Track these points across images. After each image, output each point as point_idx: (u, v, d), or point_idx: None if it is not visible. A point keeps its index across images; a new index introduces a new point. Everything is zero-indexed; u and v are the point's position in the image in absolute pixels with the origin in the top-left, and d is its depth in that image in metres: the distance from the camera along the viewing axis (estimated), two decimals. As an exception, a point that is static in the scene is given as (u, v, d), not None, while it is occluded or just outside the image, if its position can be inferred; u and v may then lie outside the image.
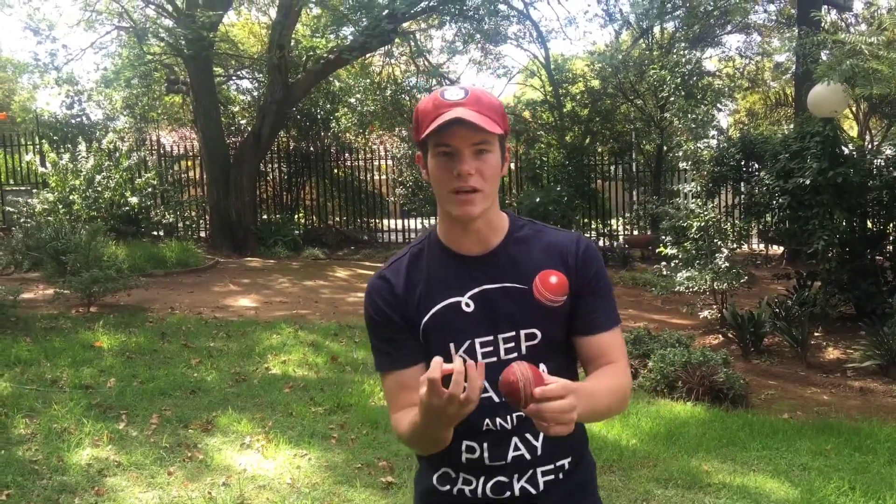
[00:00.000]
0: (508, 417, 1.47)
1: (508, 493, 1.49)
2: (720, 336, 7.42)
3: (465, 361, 1.25)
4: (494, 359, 1.46)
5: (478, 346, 1.47)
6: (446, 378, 1.22)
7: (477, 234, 1.48)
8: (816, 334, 7.36)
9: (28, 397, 5.11)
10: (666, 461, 4.27)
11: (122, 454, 4.22)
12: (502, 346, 1.47)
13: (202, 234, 14.83)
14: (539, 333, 1.46)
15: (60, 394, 5.23)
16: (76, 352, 6.27)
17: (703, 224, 7.52)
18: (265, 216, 15.27)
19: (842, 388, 6.15)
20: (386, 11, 12.14)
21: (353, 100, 16.63)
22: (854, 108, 14.32)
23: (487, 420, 1.47)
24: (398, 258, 1.56)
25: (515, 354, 1.46)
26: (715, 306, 7.81)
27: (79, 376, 5.64)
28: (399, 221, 15.69)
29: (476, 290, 1.47)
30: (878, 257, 7.91)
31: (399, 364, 1.49)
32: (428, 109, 1.42)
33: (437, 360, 1.24)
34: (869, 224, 8.12)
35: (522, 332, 1.47)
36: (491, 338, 1.47)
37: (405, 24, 14.19)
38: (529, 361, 1.41)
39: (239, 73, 17.14)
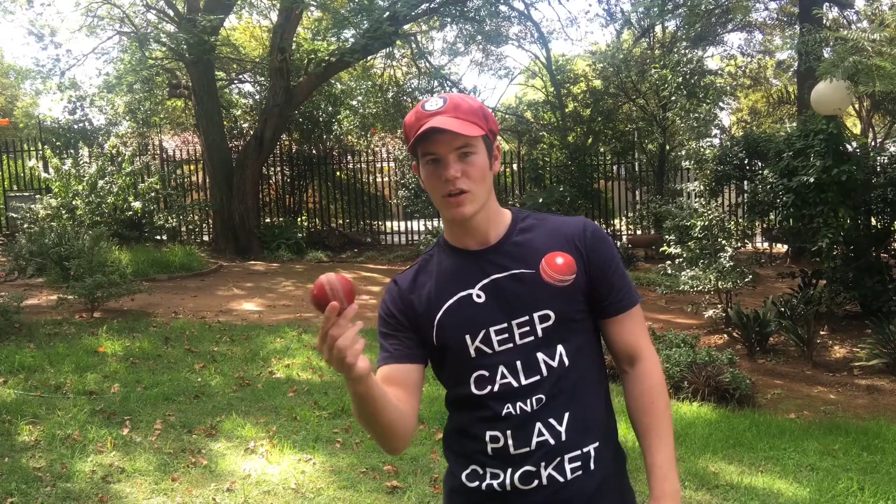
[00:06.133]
0: (528, 401, 1.47)
1: (536, 482, 1.48)
2: (725, 335, 7.39)
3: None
4: (510, 345, 1.48)
5: (493, 335, 1.49)
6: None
7: (478, 231, 1.52)
8: (822, 333, 7.32)
9: (32, 404, 5.10)
10: (672, 462, 4.24)
11: (127, 460, 4.21)
12: (517, 332, 1.48)
13: (205, 238, 14.85)
14: (552, 314, 1.48)
15: (64, 400, 5.23)
16: (80, 357, 6.25)
17: (706, 223, 7.50)
18: (268, 219, 15.28)
19: (848, 387, 6.13)
20: (387, 14, 12.14)
21: (354, 102, 16.66)
22: (857, 106, 14.28)
23: (508, 404, 1.48)
24: (411, 266, 1.63)
25: (532, 338, 1.48)
26: (719, 305, 7.78)
27: (83, 382, 5.64)
28: (402, 223, 15.67)
29: (485, 280, 1.50)
30: (883, 255, 7.88)
31: (390, 359, 1.52)
32: (411, 122, 1.49)
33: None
34: (873, 221, 8.09)
35: (536, 315, 1.48)
36: (505, 325, 1.49)
37: (406, 27, 14.19)
38: (546, 343, 1.47)
39: (241, 76, 17.16)
